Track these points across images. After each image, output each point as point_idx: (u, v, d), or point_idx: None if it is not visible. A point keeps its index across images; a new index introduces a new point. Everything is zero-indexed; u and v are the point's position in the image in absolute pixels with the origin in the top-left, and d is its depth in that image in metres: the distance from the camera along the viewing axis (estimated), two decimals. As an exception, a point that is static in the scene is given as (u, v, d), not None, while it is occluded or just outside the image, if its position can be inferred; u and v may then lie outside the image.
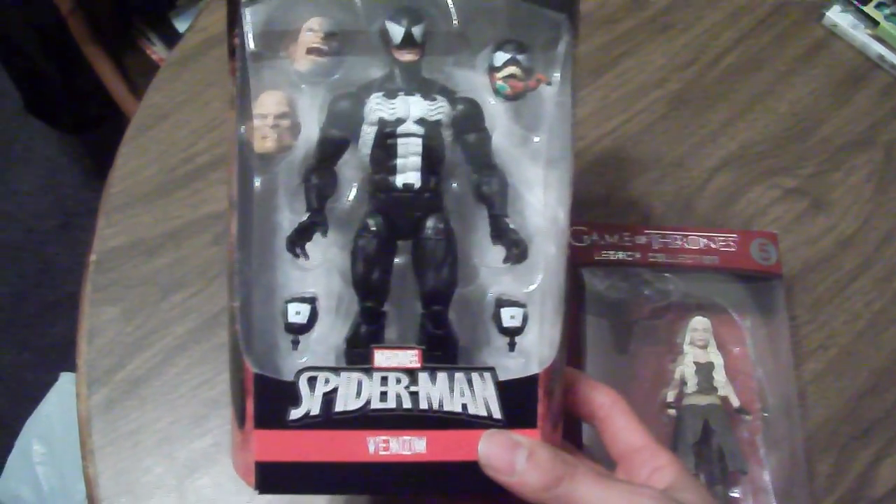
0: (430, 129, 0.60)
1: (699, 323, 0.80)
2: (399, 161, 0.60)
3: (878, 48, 1.04)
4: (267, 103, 0.62)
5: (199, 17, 1.07)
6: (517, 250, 0.61)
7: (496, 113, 0.63)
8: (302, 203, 0.61)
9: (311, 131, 0.61)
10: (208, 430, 0.80)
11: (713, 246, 0.83)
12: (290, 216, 0.61)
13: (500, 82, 0.62)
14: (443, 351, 0.60)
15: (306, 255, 0.60)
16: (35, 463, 1.19)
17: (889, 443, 0.84)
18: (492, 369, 0.58)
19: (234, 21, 0.59)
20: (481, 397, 0.58)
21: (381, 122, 0.60)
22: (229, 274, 0.58)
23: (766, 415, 0.79)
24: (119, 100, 1.54)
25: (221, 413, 0.80)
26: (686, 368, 0.79)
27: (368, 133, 0.61)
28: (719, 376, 0.78)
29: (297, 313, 0.60)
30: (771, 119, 1.01)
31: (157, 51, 1.53)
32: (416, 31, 0.61)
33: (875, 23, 1.05)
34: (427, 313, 0.60)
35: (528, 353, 0.61)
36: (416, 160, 0.60)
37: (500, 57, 0.62)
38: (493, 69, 0.63)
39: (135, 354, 0.83)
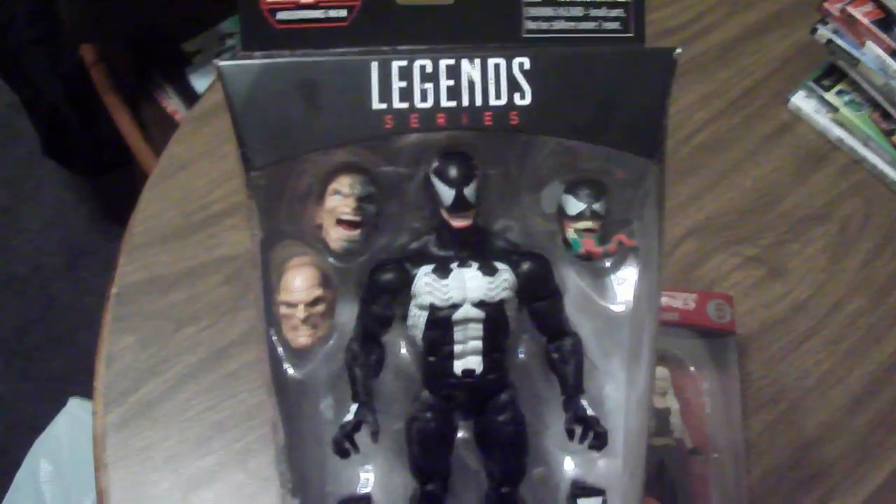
0: (493, 312, 0.53)
1: (659, 372, 0.88)
2: (457, 347, 0.53)
3: (837, 132, 1.14)
4: (296, 287, 0.54)
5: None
6: (597, 442, 0.54)
7: (566, 267, 0.57)
8: (345, 388, 0.55)
9: (348, 307, 0.56)
10: (212, 450, 0.87)
11: (673, 305, 0.91)
12: (333, 405, 0.56)
13: (573, 236, 0.55)
14: None
15: (357, 450, 0.54)
16: (42, 482, 1.25)
17: (832, 489, 0.91)
18: None
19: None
20: None
21: (434, 308, 0.53)
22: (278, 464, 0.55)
23: (716, 455, 0.87)
24: (134, 148, 1.61)
25: (225, 436, 0.87)
26: (647, 412, 0.87)
27: (418, 316, 0.54)
28: (675, 420, 0.86)
29: None
30: (736, 193, 1.09)
31: (172, 103, 1.61)
32: (469, 191, 0.52)
33: (835, 108, 1.14)
34: (495, 495, 0.56)
35: None
36: (477, 344, 0.53)
37: (574, 205, 0.55)
38: (564, 216, 0.56)
39: (148, 379, 0.91)
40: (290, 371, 0.55)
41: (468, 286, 0.53)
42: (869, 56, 1.08)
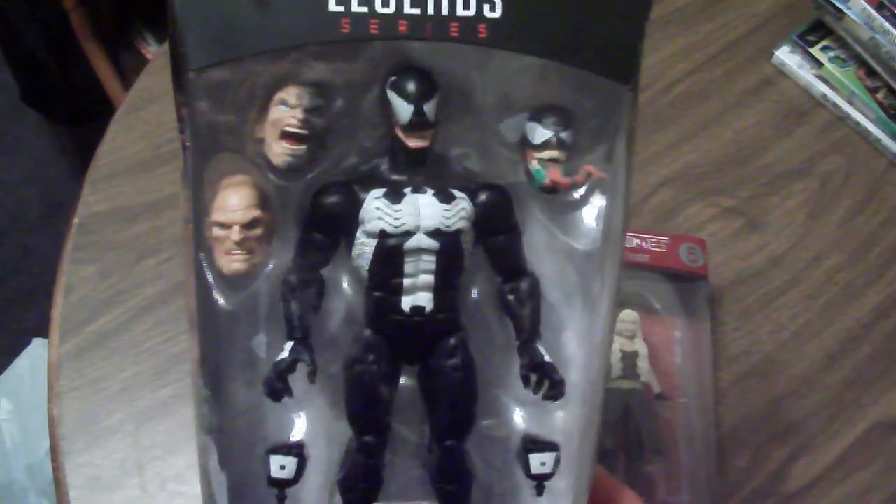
0: (448, 243, 0.49)
1: (627, 315, 0.86)
2: (406, 281, 0.49)
3: (821, 87, 1.12)
4: (231, 206, 0.49)
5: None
6: (552, 391, 0.50)
7: (528, 200, 0.52)
8: (279, 324, 0.50)
9: (288, 228, 0.50)
10: (168, 382, 0.85)
11: (644, 246, 0.89)
12: (266, 340, 0.50)
13: (537, 166, 0.51)
14: (456, 486, 0.51)
15: (290, 393, 0.49)
16: (1, 419, 1.24)
17: (805, 444, 0.90)
18: None
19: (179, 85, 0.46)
20: None
21: (383, 236, 0.49)
22: (197, 414, 0.50)
23: (683, 401, 0.85)
24: (112, 95, 1.60)
25: (181, 368, 0.86)
26: (612, 356, 0.85)
27: (366, 244, 0.49)
28: (643, 364, 0.85)
29: (282, 468, 0.50)
30: (715, 145, 1.08)
31: (152, 50, 1.59)
32: (429, 108, 0.48)
33: (820, 64, 1.12)
34: (438, 448, 0.51)
35: (555, 492, 0.52)
36: (429, 279, 0.49)
37: (539, 132, 0.50)
38: (528, 145, 0.51)
39: (106, 310, 0.89)
40: (220, 301, 0.49)
41: (423, 213, 0.48)
42: (855, 9, 1.06)
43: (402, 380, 0.51)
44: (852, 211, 1.05)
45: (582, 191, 0.51)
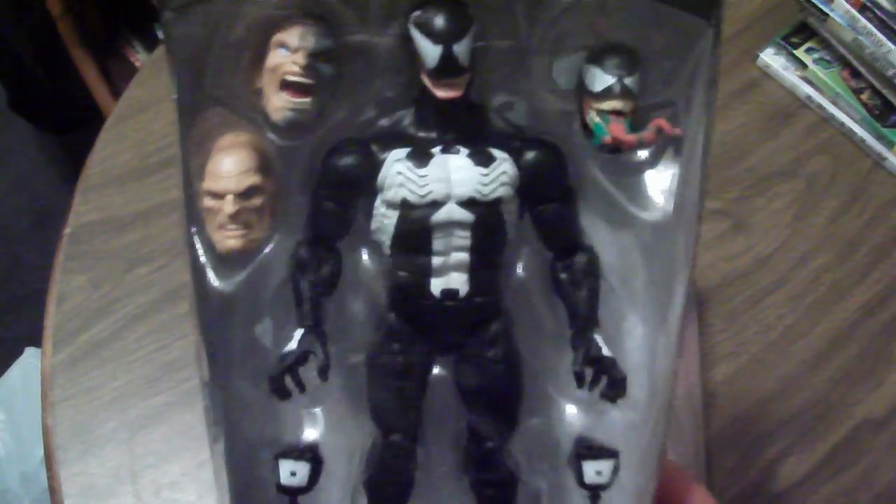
0: (486, 214, 0.41)
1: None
2: (436, 260, 0.41)
3: (806, 89, 1.13)
4: (224, 172, 0.42)
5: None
6: (611, 391, 0.43)
7: (584, 160, 0.43)
8: (288, 308, 0.43)
9: (296, 196, 0.43)
10: (161, 390, 0.86)
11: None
12: (272, 327, 0.44)
13: (597, 119, 0.42)
14: (498, 490, 0.44)
15: (302, 388, 0.43)
16: (-6, 429, 1.25)
17: (793, 443, 0.90)
18: None
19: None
20: None
21: (406, 206, 0.41)
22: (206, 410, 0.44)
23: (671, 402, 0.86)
24: (101, 103, 1.60)
25: (174, 376, 0.86)
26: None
27: (386, 216, 0.42)
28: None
29: (293, 474, 0.43)
30: (702, 147, 1.08)
31: (140, 59, 1.59)
32: (460, 49, 0.40)
33: (804, 66, 1.13)
34: (477, 452, 0.44)
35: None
36: (463, 258, 0.41)
37: (600, 78, 0.42)
38: (586, 93, 0.43)
39: (99, 319, 0.89)
40: (217, 284, 0.42)
41: (454, 178, 0.41)
42: (838, 11, 1.07)
43: (435, 370, 0.44)
44: (838, 211, 1.05)
45: (650, 150, 0.43)
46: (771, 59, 1.14)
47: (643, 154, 0.43)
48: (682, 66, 0.41)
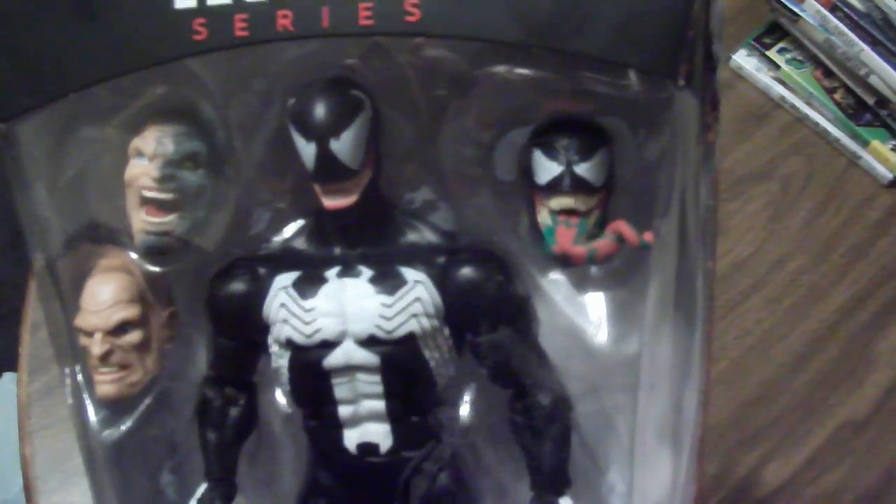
0: (396, 354, 0.32)
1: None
2: (343, 410, 0.33)
3: (779, 90, 1.12)
4: (93, 305, 0.36)
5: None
6: None
7: (540, 267, 0.34)
8: (194, 453, 0.36)
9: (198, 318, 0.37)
10: (140, 417, 0.85)
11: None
12: (175, 479, 0.38)
13: (548, 221, 0.32)
14: None
15: None
16: (-29, 457, 1.23)
17: (774, 448, 0.90)
18: None
19: None
20: None
21: (294, 346, 0.33)
22: None
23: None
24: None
25: (153, 402, 0.85)
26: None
27: (280, 355, 0.34)
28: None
29: None
30: (676, 151, 1.07)
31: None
32: (341, 146, 0.30)
33: (777, 66, 1.13)
34: None
35: None
36: (377, 407, 0.33)
37: (545, 166, 0.32)
38: (532, 186, 0.33)
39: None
40: (103, 433, 0.37)
41: (349, 311, 0.32)
42: (809, 12, 1.07)
43: None
44: (814, 212, 1.06)
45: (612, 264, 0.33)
46: (743, 60, 1.14)
47: (595, 270, 0.33)
48: (651, 146, 0.32)
